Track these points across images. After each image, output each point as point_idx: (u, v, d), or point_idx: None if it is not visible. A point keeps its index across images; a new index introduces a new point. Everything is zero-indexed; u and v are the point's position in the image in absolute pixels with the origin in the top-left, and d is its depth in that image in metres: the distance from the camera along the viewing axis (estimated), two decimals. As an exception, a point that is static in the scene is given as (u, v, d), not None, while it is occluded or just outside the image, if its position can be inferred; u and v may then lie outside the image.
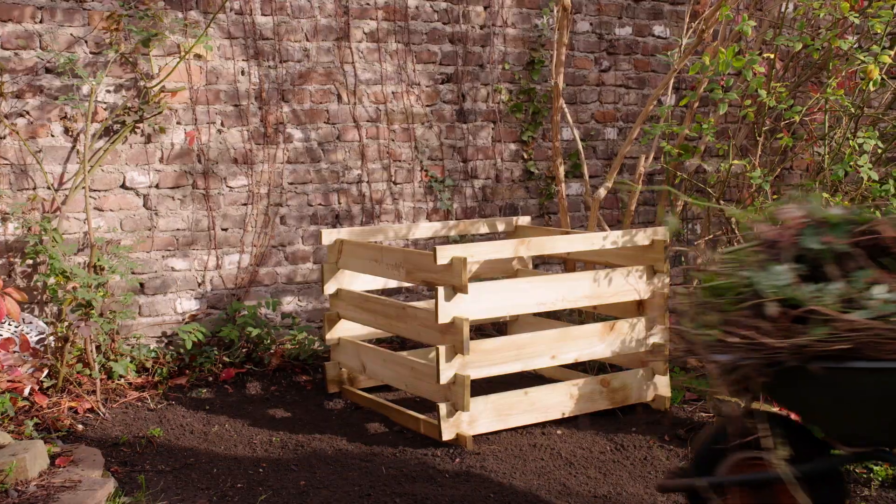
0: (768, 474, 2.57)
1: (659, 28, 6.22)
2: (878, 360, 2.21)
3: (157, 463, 3.67)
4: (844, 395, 2.31)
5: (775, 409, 2.91)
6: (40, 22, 4.55)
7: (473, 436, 3.86)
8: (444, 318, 3.77)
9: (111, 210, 4.75)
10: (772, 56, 4.31)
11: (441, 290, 3.76)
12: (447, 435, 3.82)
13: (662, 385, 4.31)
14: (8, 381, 3.95)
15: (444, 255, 3.76)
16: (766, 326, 2.38)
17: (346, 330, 4.52)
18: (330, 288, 4.47)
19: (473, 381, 3.88)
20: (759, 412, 2.64)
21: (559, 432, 4.03)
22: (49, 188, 4.59)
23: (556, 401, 4.07)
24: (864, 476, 3.50)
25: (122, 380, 4.48)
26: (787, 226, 2.64)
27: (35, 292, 4.57)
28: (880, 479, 3.46)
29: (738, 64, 4.03)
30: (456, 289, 3.78)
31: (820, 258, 2.52)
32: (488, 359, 3.87)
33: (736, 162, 4.49)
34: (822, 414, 2.41)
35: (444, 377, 3.80)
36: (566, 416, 4.09)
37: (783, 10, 5.46)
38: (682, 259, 5.46)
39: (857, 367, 2.23)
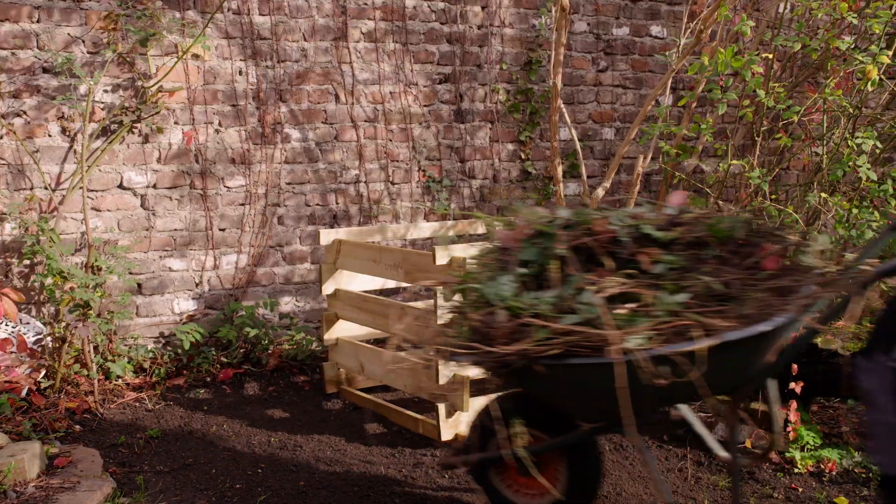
0: (540, 447, 2.90)
1: (656, 28, 6.23)
2: (587, 357, 2.47)
3: (155, 464, 3.67)
4: (570, 384, 2.56)
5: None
6: (37, 21, 4.54)
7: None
8: (443, 319, 3.76)
9: (108, 210, 4.74)
10: (770, 56, 4.32)
11: (440, 290, 3.76)
12: (446, 435, 3.81)
13: (661, 385, 4.31)
14: (5, 381, 3.94)
15: (444, 254, 3.75)
16: (495, 332, 2.60)
17: (344, 330, 4.51)
18: (328, 288, 4.46)
19: (471, 382, 3.87)
20: (503, 399, 2.97)
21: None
22: (46, 188, 4.57)
23: (555, 401, 4.06)
24: (864, 476, 3.50)
25: (120, 380, 4.48)
26: (517, 232, 2.84)
27: (32, 293, 4.56)
28: (879, 478, 3.46)
29: (736, 64, 4.03)
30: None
31: (544, 263, 2.73)
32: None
33: (735, 162, 4.49)
34: (558, 399, 2.70)
35: (444, 377, 3.80)
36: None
37: (780, 10, 5.47)
38: None
39: (572, 363, 2.48)
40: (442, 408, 3.80)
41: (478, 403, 3.82)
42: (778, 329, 2.45)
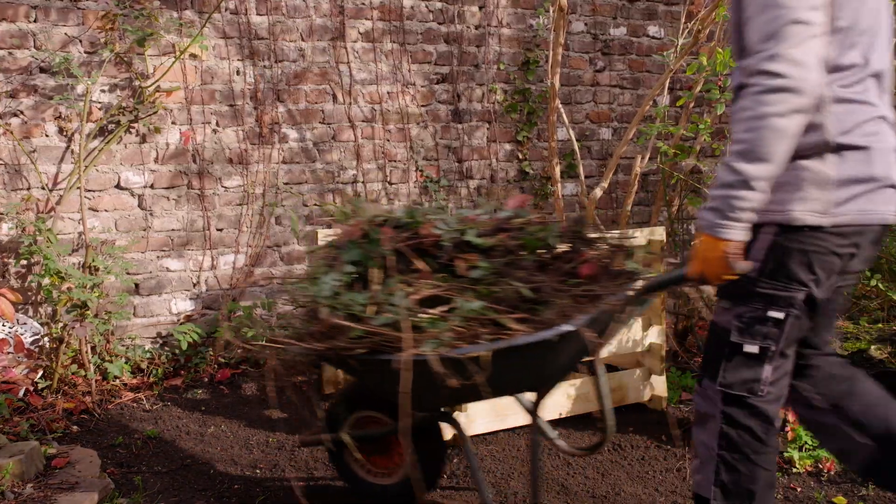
0: (378, 431, 3.13)
1: (653, 28, 6.23)
2: (388, 355, 2.60)
3: (153, 464, 3.66)
4: (386, 378, 2.65)
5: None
6: (34, 21, 4.53)
7: (471, 436, 3.85)
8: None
9: (106, 210, 4.73)
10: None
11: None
12: (444, 435, 3.81)
13: (659, 385, 4.31)
14: (2, 382, 3.93)
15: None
16: (314, 329, 2.77)
17: (342, 330, 4.50)
18: (326, 288, 4.45)
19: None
20: (353, 387, 3.21)
21: (556, 432, 4.02)
22: (43, 188, 4.56)
23: (554, 401, 4.06)
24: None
25: (118, 381, 4.47)
26: (350, 230, 2.97)
27: (29, 293, 4.55)
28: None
29: (734, 64, 4.03)
30: (453, 289, 3.77)
31: (368, 264, 2.87)
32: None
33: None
34: (381, 391, 2.78)
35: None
36: (563, 416, 4.09)
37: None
38: (679, 259, 5.46)
39: (379, 359, 2.62)
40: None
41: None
42: (568, 334, 2.52)
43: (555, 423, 4.10)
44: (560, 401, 4.08)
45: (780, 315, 2.33)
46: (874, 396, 2.52)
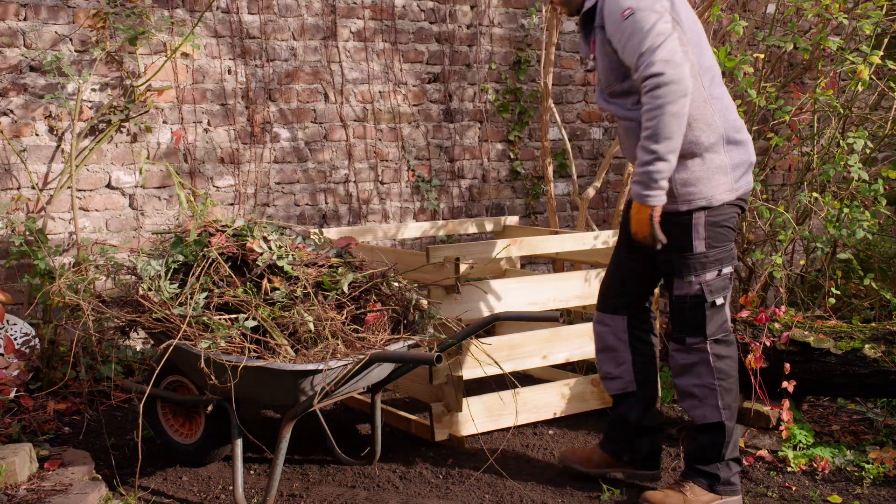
0: (185, 397, 3.51)
1: (644, 28, 6.23)
2: (169, 339, 3.06)
3: (146, 465, 3.63)
4: (180, 357, 3.18)
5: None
6: (24, 20, 4.49)
7: (466, 436, 3.84)
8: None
9: (97, 210, 4.70)
10: (761, 56, 4.33)
11: (433, 291, 3.75)
12: (440, 436, 3.80)
13: (653, 384, 4.32)
14: (-7, 383, 3.90)
15: (437, 254, 3.74)
16: (127, 302, 3.31)
17: (335, 330, 4.50)
18: (319, 288, 4.46)
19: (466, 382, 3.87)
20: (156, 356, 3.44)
21: (551, 432, 4.02)
22: (34, 188, 4.53)
23: (548, 401, 4.06)
24: (857, 474, 3.52)
25: (109, 382, 4.43)
26: (188, 229, 3.38)
27: (20, 293, 4.51)
28: (872, 476, 3.49)
29: (730, 64, 4.04)
30: (448, 289, 3.77)
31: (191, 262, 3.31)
32: (480, 359, 3.85)
33: (727, 162, 4.50)
34: (184, 369, 3.31)
35: (437, 378, 3.79)
36: (558, 415, 4.08)
37: (766, 10, 5.49)
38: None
39: (171, 343, 3.05)
40: (435, 408, 3.79)
41: (471, 402, 3.82)
42: (310, 372, 2.95)
43: (549, 423, 4.10)
44: (554, 401, 4.08)
45: (730, 269, 3.14)
46: (653, 362, 3.41)
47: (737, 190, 3.08)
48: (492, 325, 5.20)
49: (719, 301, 3.10)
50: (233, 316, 3.12)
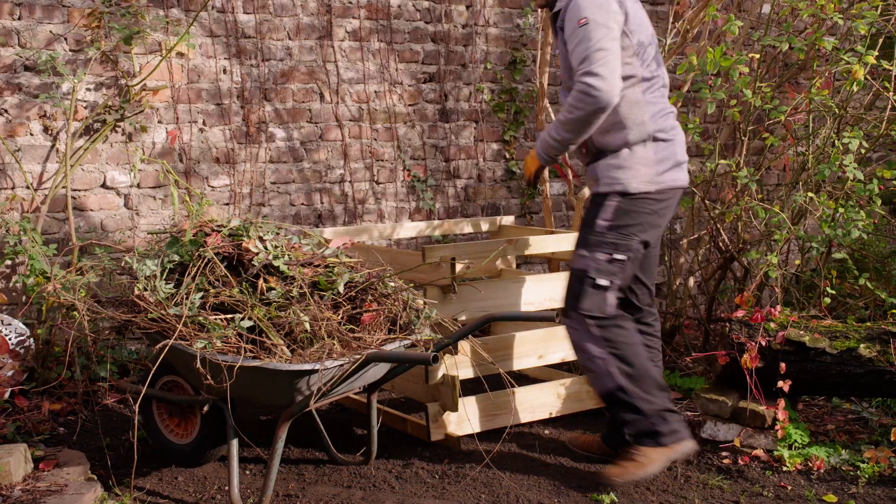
0: (181, 398, 3.48)
1: (639, 28, 6.24)
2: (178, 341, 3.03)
3: (141, 466, 3.62)
4: (175, 357, 3.11)
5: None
6: (19, 19, 4.48)
7: (462, 436, 3.84)
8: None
9: (92, 210, 4.69)
10: (756, 56, 4.34)
11: (429, 290, 3.75)
12: (436, 436, 3.80)
13: (648, 384, 4.32)
14: (-12, 383, 3.89)
15: (433, 254, 3.74)
16: (122, 301, 3.30)
17: (330, 330, 4.49)
18: (314, 288, 4.45)
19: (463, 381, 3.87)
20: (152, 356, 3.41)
21: (547, 432, 4.03)
22: (28, 188, 4.52)
23: (544, 401, 4.06)
24: (852, 474, 3.53)
25: (104, 382, 4.42)
26: (183, 228, 3.38)
27: (14, 293, 4.50)
28: (867, 476, 3.49)
29: (725, 63, 4.04)
30: (444, 289, 3.77)
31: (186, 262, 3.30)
32: (477, 359, 3.86)
33: (723, 161, 4.51)
34: (179, 369, 3.26)
35: (433, 378, 3.79)
36: (553, 415, 4.09)
37: (761, 10, 5.50)
38: (667, 258, 5.48)
39: (167, 343, 3.03)
40: (431, 408, 3.79)
41: (468, 401, 3.82)
42: (306, 372, 2.94)
43: (545, 423, 4.10)
44: (550, 401, 4.08)
45: (622, 257, 3.39)
46: (657, 360, 3.65)
47: (658, 183, 3.38)
48: (487, 325, 5.21)
49: (602, 282, 3.36)
50: (228, 316, 3.11)
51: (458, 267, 3.75)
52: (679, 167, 3.46)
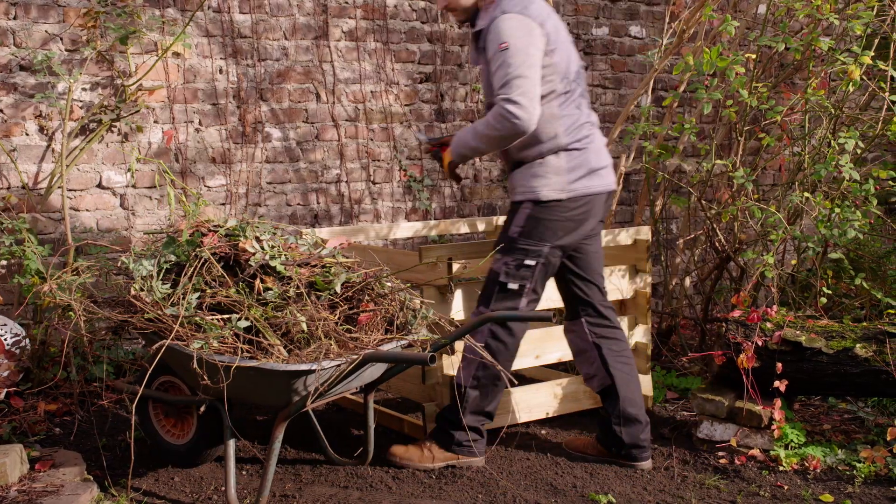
0: (178, 398, 3.48)
1: (635, 28, 6.25)
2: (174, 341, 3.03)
3: (137, 466, 3.62)
4: (171, 357, 3.09)
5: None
6: (14, 18, 4.47)
7: (458, 436, 3.83)
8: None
9: (87, 210, 4.68)
10: (753, 56, 4.34)
11: (426, 291, 3.75)
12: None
13: (645, 384, 4.32)
14: (-17, 384, 3.88)
15: (430, 254, 3.74)
16: (118, 301, 3.31)
17: (327, 330, 4.48)
18: (311, 288, 4.44)
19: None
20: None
21: (543, 432, 4.03)
22: (24, 188, 4.51)
23: (541, 401, 4.06)
24: (848, 473, 3.53)
25: (100, 382, 4.41)
26: (180, 228, 3.37)
27: (10, 294, 4.49)
28: (863, 475, 3.50)
29: (722, 64, 4.04)
30: (441, 289, 3.76)
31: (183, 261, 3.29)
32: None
33: (719, 162, 4.51)
34: (176, 369, 3.24)
35: (429, 378, 3.78)
36: (550, 415, 4.09)
37: (757, 11, 5.50)
38: (663, 259, 5.48)
39: (163, 343, 3.02)
40: (428, 408, 3.79)
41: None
42: (303, 373, 2.93)
43: (542, 423, 4.10)
44: (547, 400, 4.08)
45: (532, 263, 3.50)
46: (623, 353, 3.68)
47: (571, 191, 3.48)
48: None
49: (512, 285, 3.50)
50: (225, 316, 3.11)
51: (455, 267, 3.75)
52: (593, 174, 3.53)
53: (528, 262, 3.49)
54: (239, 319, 3.09)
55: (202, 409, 3.31)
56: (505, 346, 3.55)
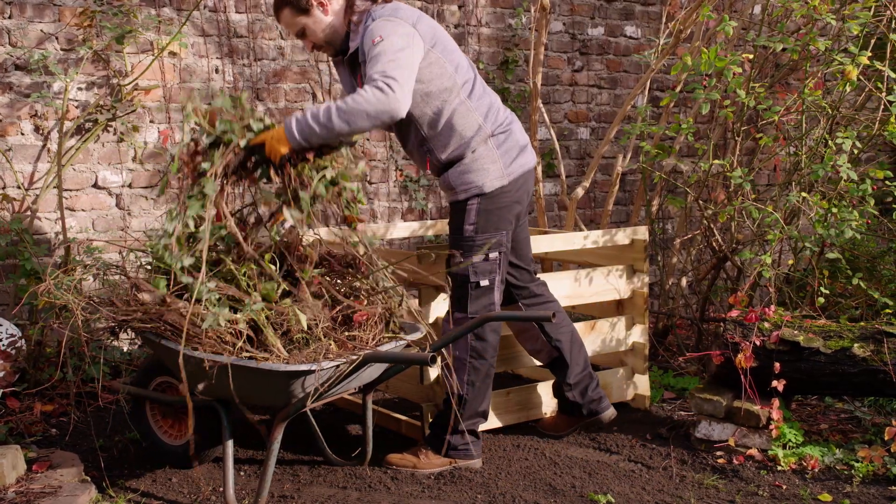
0: (170, 398, 3.50)
1: (631, 28, 6.25)
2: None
3: (135, 467, 3.61)
4: (174, 360, 3.02)
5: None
6: (9, 17, 4.45)
7: (456, 436, 3.83)
8: (428, 319, 3.74)
9: (83, 210, 4.67)
10: (751, 56, 4.35)
11: (424, 291, 3.74)
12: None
13: (642, 384, 4.32)
14: (-21, 385, 3.86)
15: (427, 254, 3.73)
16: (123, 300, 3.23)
17: (324, 331, 4.47)
18: (308, 288, 4.42)
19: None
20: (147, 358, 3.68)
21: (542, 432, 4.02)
22: (19, 187, 4.49)
23: (539, 401, 4.06)
24: (846, 473, 3.54)
25: (96, 383, 4.39)
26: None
27: (6, 294, 4.47)
28: (861, 475, 3.50)
29: (720, 64, 4.05)
30: (439, 289, 3.76)
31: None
32: (471, 359, 3.85)
33: (717, 162, 4.52)
34: (174, 369, 3.11)
35: (427, 378, 3.78)
36: (548, 415, 4.08)
37: (752, 11, 5.51)
38: (659, 259, 5.49)
39: (162, 343, 3.05)
40: (426, 408, 3.78)
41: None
42: (303, 373, 2.93)
43: (537, 422, 4.09)
44: (545, 400, 4.07)
45: (495, 254, 3.52)
46: (561, 323, 3.79)
47: (510, 175, 3.51)
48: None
49: (483, 282, 3.51)
50: (234, 317, 3.06)
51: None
52: (524, 151, 3.59)
53: (491, 255, 3.52)
54: (251, 303, 3.03)
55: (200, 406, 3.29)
56: (488, 343, 3.58)
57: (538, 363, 3.97)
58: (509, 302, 3.80)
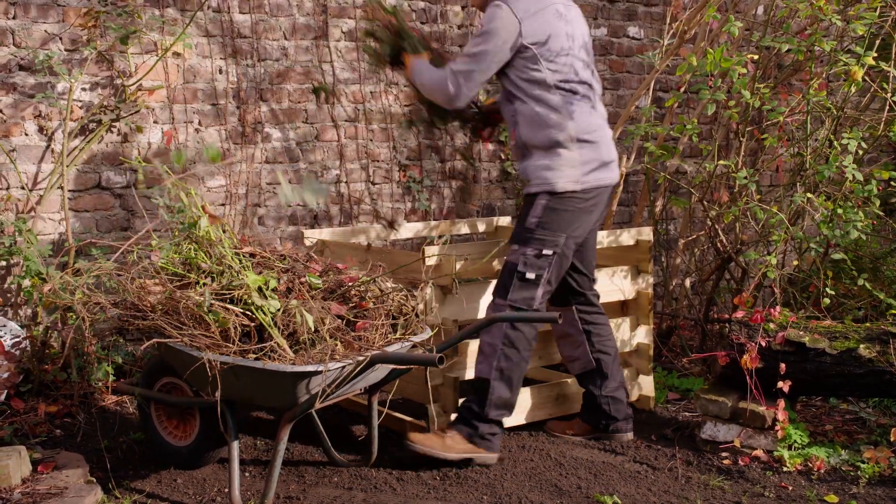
0: (178, 399, 3.50)
1: (633, 29, 6.25)
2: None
3: (140, 468, 3.61)
4: (179, 361, 3.11)
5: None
6: (13, 18, 4.44)
7: (461, 437, 3.83)
8: (432, 320, 3.74)
9: (87, 210, 4.66)
10: (755, 57, 4.35)
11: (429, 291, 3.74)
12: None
13: (647, 385, 4.32)
14: (-16, 385, 3.86)
15: (433, 255, 3.73)
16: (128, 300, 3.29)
17: (328, 331, 4.47)
18: (312, 289, 4.42)
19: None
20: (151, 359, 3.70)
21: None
22: (23, 188, 4.48)
23: (545, 402, 4.06)
24: (852, 474, 3.54)
25: (101, 384, 4.39)
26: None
27: (9, 295, 4.47)
28: (867, 476, 3.50)
29: (726, 64, 4.04)
30: (444, 290, 3.76)
31: None
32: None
33: (722, 162, 4.51)
34: (179, 370, 3.19)
35: (433, 379, 3.77)
36: (553, 416, 4.08)
37: (756, 11, 5.51)
38: (663, 259, 5.49)
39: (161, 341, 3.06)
40: (432, 409, 3.78)
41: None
42: (310, 374, 2.93)
43: (543, 424, 4.09)
44: (551, 402, 4.07)
45: (550, 252, 3.60)
46: (608, 337, 3.91)
47: (583, 183, 3.62)
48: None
49: (529, 275, 3.59)
50: (244, 320, 3.06)
51: (458, 265, 3.74)
52: (605, 167, 3.69)
53: (545, 251, 3.60)
54: (245, 309, 3.06)
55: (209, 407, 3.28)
56: (523, 334, 3.62)
57: (570, 372, 4.01)
58: (564, 304, 3.87)
